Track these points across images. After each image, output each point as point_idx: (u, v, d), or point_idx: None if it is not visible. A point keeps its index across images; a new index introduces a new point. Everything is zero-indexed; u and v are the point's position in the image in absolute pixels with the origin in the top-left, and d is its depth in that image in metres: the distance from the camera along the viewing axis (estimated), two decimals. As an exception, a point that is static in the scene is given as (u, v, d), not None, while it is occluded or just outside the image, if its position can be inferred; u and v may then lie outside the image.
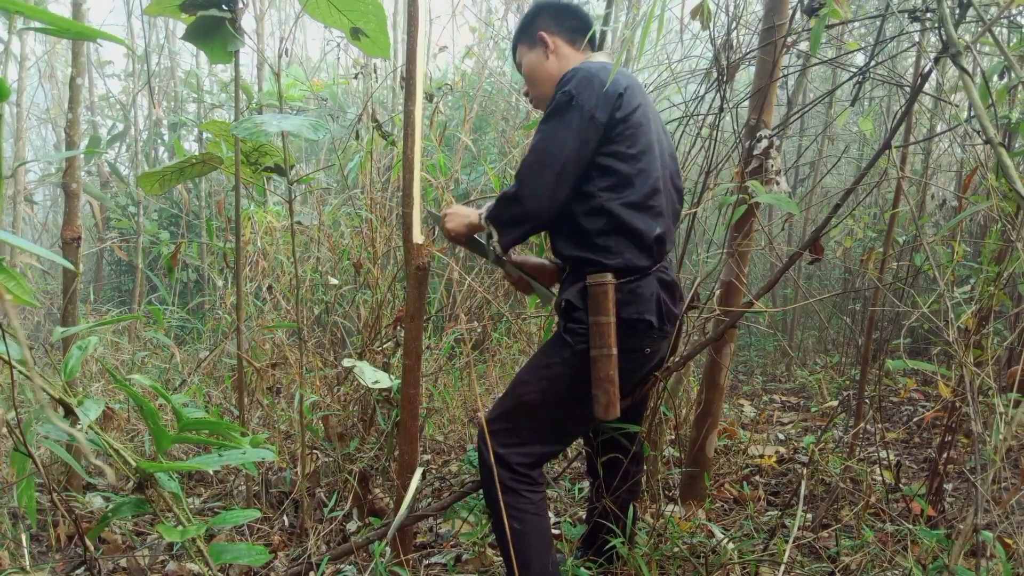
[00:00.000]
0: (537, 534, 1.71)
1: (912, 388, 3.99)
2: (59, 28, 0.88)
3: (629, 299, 1.65)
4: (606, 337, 1.61)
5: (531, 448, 1.71)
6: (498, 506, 1.70)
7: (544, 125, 1.65)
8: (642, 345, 1.71)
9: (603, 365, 1.62)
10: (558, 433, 1.78)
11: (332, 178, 5.39)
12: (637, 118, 1.65)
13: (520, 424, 1.72)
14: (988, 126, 1.16)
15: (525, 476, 1.71)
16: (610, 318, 1.61)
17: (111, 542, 2.26)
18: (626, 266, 1.64)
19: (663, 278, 1.72)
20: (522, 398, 1.72)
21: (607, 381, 1.62)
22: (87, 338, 1.44)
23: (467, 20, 6.96)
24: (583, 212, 1.67)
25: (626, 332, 1.65)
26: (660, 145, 1.74)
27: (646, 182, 1.66)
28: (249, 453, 1.36)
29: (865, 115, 2.61)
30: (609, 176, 1.64)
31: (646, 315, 1.66)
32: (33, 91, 5.88)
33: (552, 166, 1.62)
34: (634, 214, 1.64)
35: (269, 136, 1.73)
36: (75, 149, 2.50)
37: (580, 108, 1.60)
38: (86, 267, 5.89)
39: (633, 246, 1.65)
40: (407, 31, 1.82)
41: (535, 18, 1.87)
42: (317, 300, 3.43)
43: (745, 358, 5.47)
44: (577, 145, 1.61)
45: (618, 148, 1.64)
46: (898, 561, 1.98)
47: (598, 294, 1.61)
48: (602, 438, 1.97)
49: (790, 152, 6.31)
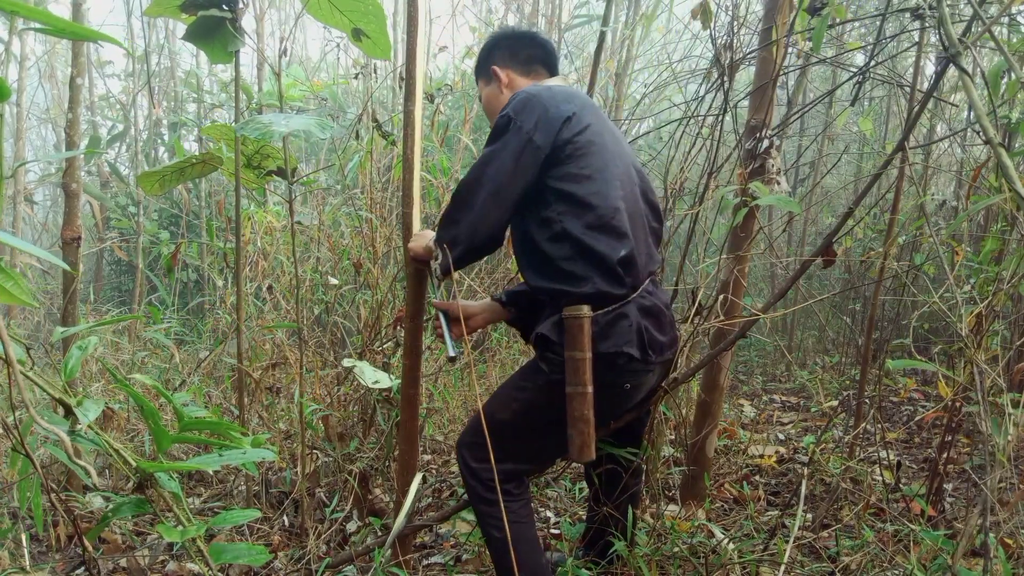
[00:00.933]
0: (522, 541, 1.69)
1: (912, 388, 3.99)
2: (59, 28, 0.88)
3: (606, 332, 1.58)
4: (581, 374, 1.54)
5: (501, 465, 1.65)
6: (477, 515, 1.71)
7: (486, 148, 1.63)
8: (621, 381, 1.63)
9: (578, 404, 1.55)
10: (527, 456, 1.75)
11: (332, 178, 5.39)
12: (587, 137, 1.60)
13: (492, 442, 1.62)
14: (988, 126, 1.16)
15: (502, 490, 1.68)
16: (586, 354, 1.54)
17: (111, 542, 2.26)
18: (599, 293, 1.58)
19: (644, 305, 1.63)
20: (493, 416, 1.69)
21: (582, 421, 1.55)
22: (87, 338, 1.44)
23: (467, 20, 6.97)
24: (546, 239, 1.62)
25: (603, 367, 1.58)
26: (621, 162, 1.67)
27: (604, 201, 1.59)
28: (249, 453, 1.36)
29: (865, 115, 2.61)
30: (565, 200, 1.59)
31: (625, 348, 1.58)
32: (33, 91, 5.89)
33: (486, 187, 1.58)
34: (596, 236, 1.58)
35: (278, 136, 1.72)
36: (75, 149, 2.50)
37: (519, 130, 1.57)
38: (86, 267, 5.89)
39: (598, 271, 1.58)
40: (407, 31, 1.82)
41: (489, 53, 1.86)
42: (317, 300, 3.43)
43: (745, 358, 5.47)
44: (513, 167, 1.57)
45: (569, 170, 1.59)
46: (898, 561, 1.98)
47: (573, 327, 1.54)
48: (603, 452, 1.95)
49: (790, 152, 6.31)
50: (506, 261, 4.09)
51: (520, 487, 1.74)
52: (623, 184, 1.65)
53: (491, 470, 1.65)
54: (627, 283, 1.60)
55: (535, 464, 1.82)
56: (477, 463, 1.70)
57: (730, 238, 2.40)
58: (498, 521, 1.65)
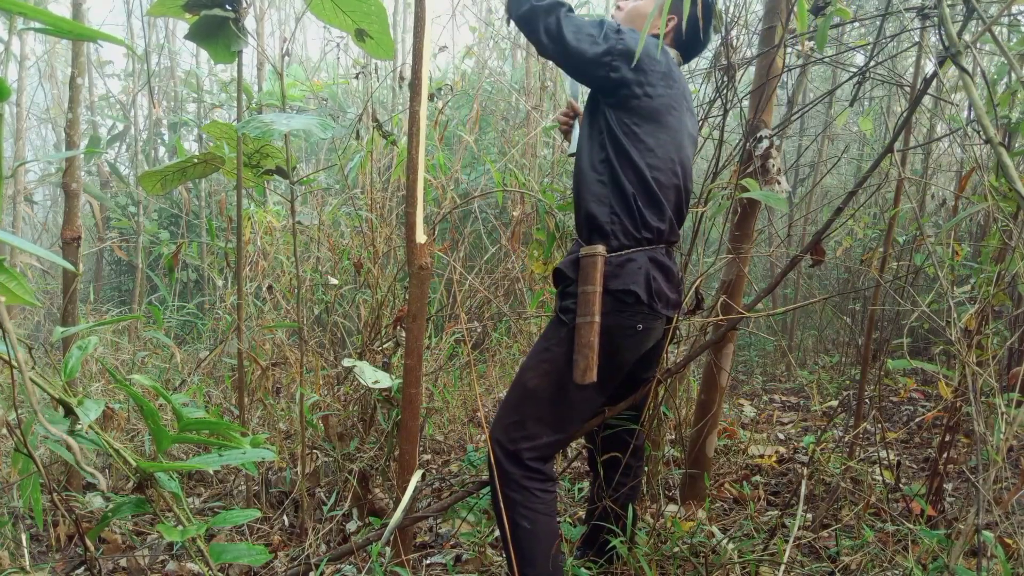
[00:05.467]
0: (546, 534, 1.71)
1: (912, 388, 3.99)
2: (59, 28, 0.88)
3: (617, 271, 1.69)
4: (591, 305, 1.65)
5: (539, 440, 1.72)
6: (508, 504, 1.71)
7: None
8: (633, 321, 1.72)
9: (585, 332, 1.65)
10: (564, 419, 1.77)
11: (332, 178, 5.39)
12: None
13: (526, 414, 1.73)
14: (988, 126, 1.16)
15: (537, 472, 1.72)
16: (596, 288, 1.65)
17: (111, 542, 2.26)
18: (617, 230, 1.70)
19: (657, 258, 1.74)
20: (526, 385, 1.75)
21: (587, 347, 1.65)
22: (87, 338, 1.44)
23: (467, 20, 6.97)
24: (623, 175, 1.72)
25: (614, 305, 1.68)
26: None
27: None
28: (249, 453, 1.36)
29: (865, 115, 2.61)
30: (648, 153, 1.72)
31: (632, 286, 1.68)
32: (33, 91, 5.88)
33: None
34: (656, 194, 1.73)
35: (279, 135, 1.72)
36: (75, 149, 2.50)
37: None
38: (86, 267, 5.89)
39: (647, 218, 1.71)
40: (414, 31, 1.81)
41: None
42: (317, 300, 3.43)
43: (745, 358, 5.47)
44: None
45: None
46: (898, 561, 1.98)
47: (587, 265, 1.66)
48: (605, 433, 1.97)
49: (790, 152, 6.31)
50: (506, 261, 4.10)
51: (553, 472, 1.78)
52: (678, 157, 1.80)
53: (530, 447, 1.71)
54: (648, 233, 1.72)
55: (569, 430, 1.83)
56: (515, 444, 1.72)
57: (729, 237, 2.40)
58: (530, 512, 1.69)
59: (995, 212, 1.91)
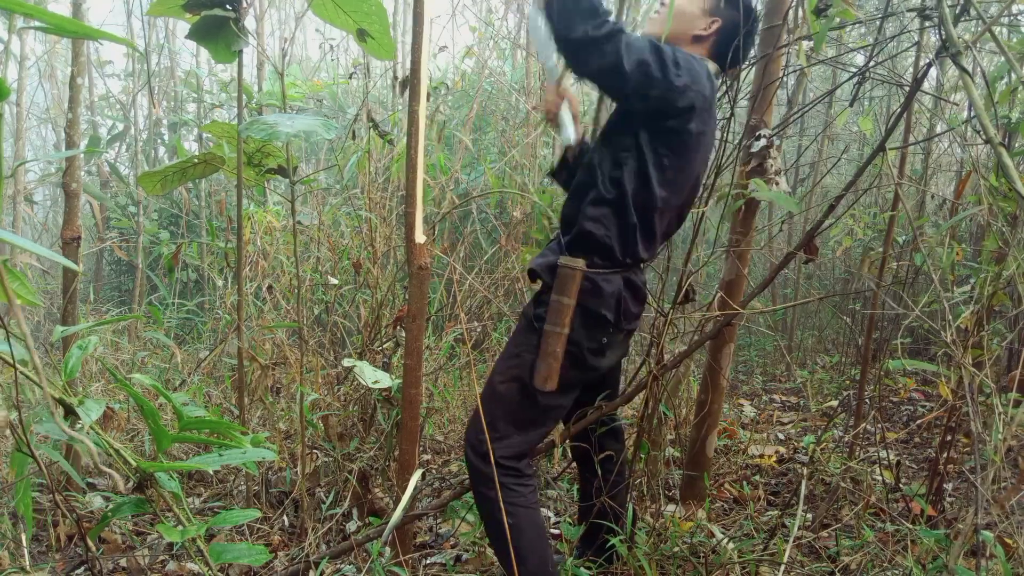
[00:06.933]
0: (530, 528, 1.73)
1: (912, 388, 4.00)
2: (59, 28, 0.88)
3: (593, 290, 1.70)
4: (562, 316, 1.67)
5: (510, 439, 1.75)
6: (485, 503, 1.72)
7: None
8: (599, 336, 1.75)
9: (552, 341, 1.67)
10: (532, 420, 1.79)
11: (332, 178, 5.39)
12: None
13: (496, 415, 1.75)
14: (988, 126, 1.16)
15: (511, 469, 1.74)
16: (571, 301, 1.67)
17: (111, 542, 2.26)
18: (605, 252, 1.70)
19: (631, 279, 1.76)
20: (495, 388, 1.77)
21: (551, 356, 1.68)
22: (87, 338, 1.44)
23: (467, 20, 6.97)
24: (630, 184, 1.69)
25: (584, 320, 1.71)
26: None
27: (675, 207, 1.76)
28: (249, 453, 1.36)
29: (865, 115, 2.61)
30: (664, 172, 1.69)
31: (603, 310, 1.71)
32: (33, 91, 5.88)
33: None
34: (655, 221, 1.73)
35: (284, 137, 1.72)
36: (75, 149, 2.50)
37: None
38: (86, 267, 5.89)
39: (633, 242, 1.71)
40: (413, 30, 1.80)
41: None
42: (317, 300, 3.43)
43: (745, 358, 5.47)
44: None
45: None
46: (898, 561, 1.98)
47: (566, 276, 1.68)
48: (600, 431, 1.98)
49: (790, 152, 6.31)
50: (505, 261, 4.10)
51: (529, 468, 1.79)
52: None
53: (502, 447, 1.72)
54: (630, 259, 1.74)
55: (540, 431, 1.84)
56: (486, 445, 1.73)
57: (729, 235, 2.40)
58: (510, 507, 1.70)
59: (991, 217, 1.91)
